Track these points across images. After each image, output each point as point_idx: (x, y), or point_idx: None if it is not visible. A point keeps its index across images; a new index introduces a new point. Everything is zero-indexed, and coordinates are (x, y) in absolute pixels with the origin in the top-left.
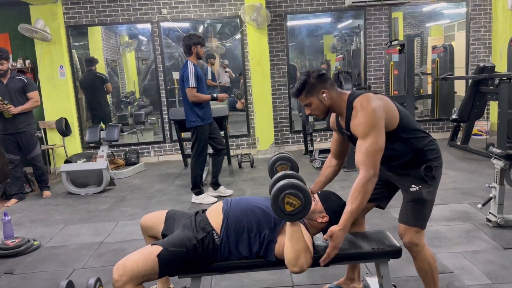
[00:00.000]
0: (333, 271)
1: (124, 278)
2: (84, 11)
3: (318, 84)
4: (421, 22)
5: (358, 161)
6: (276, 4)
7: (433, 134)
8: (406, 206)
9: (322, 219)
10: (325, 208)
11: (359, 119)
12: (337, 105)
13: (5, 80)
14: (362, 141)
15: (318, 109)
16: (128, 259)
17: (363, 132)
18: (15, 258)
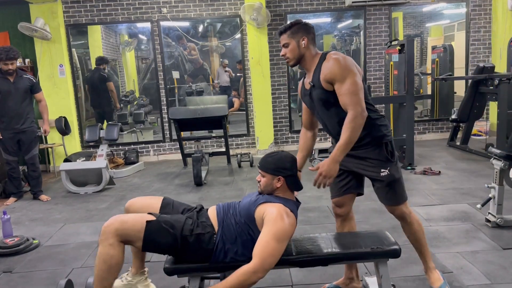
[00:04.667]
0: (332, 271)
1: (112, 228)
2: (84, 9)
3: (302, 31)
4: (421, 22)
5: (344, 104)
6: (276, 3)
7: (432, 135)
8: (385, 190)
9: (278, 182)
10: (273, 171)
11: (335, 64)
12: (309, 58)
13: (13, 78)
14: (341, 84)
15: (293, 52)
16: (125, 215)
17: (341, 75)
18: (14, 257)
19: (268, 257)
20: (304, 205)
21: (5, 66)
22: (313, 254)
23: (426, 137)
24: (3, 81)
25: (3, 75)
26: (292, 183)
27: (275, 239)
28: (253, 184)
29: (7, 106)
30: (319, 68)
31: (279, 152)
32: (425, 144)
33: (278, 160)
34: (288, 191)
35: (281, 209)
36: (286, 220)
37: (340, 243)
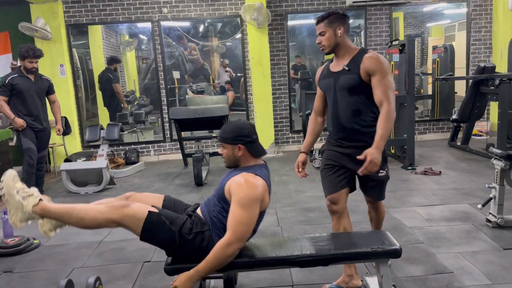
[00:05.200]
0: (333, 270)
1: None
2: (85, 9)
3: (339, 20)
4: (421, 22)
5: (380, 97)
6: (277, 3)
7: (433, 135)
8: (379, 188)
9: (239, 151)
10: (231, 140)
11: (380, 60)
12: (345, 47)
13: (33, 78)
14: (383, 78)
15: (329, 40)
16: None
17: (384, 70)
18: (15, 257)
19: (237, 226)
20: (304, 205)
21: (30, 64)
22: (314, 254)
23: (427, 137)
24: (26, 81)
25: (26, 74)
26: (253, 150)
27: (240, 207)
28: None
29: (30, 105)
30: (360, 58)
31: (236, 121)
32: (425, 144)
33: (235, 128)
34: (251, 158)
35: (242, 177)
36: (249, 184)
37: (340, 243)
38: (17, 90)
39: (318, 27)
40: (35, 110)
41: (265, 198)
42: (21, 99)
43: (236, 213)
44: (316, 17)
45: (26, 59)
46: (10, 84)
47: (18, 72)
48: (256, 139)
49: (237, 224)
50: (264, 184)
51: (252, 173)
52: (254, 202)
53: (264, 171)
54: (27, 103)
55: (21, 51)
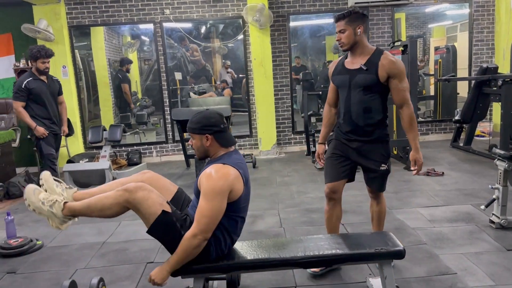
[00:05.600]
0: (336, 271)
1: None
2: (87, 11)
3: (360, 19)
4: (423, 23)
5: (402, 99)
6: (279, 4)
7: (435, 135)
8: (379, 179)
9: (207, 141)
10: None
11: (399, 63)
12: (362, 45)
13: (46, 79)
14: (402, 80)
15: (348, 38)
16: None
17: (403, 73)
18: (18, 258)
19: (201, 218)
20: (307, 206)
21: (43, 64)
22: (317, 255)
23: (429, 138)
24: (40, 83)
25: (38, 76)
26: (221, 139)
27: (204, 199)
28: (255, 185)
29: (47, 108)
30: (378, 59)
31: (204, 111)
32: (428, 145)
33: (202, 118)
34: (221, 148)
35: (211, 168)
36: (215, 176)
37: (344, 244)
38: (34, 94)
39: (338, 24)
40: (52, 113)
41: (236, 186)
42: (38, 103)
43: (201, 205)
44: (337, 15)
45: (39, 59)
46: (26, 88)
47: (31, 75)
48: (224, 129)
49: (201, 216)
50: (234, 172)
51: (221, 163)
52: (217, 194)
53: (234, 157)
54: (44, 106)
55: (32, 52)
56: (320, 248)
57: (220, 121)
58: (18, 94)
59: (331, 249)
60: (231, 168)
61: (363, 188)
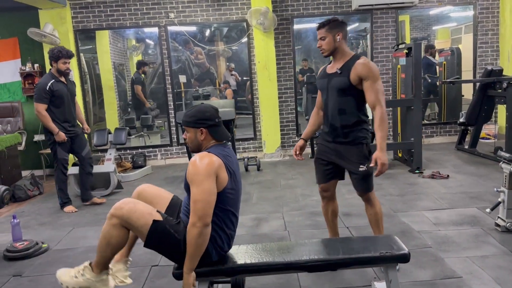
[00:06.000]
0: (341, 275)
1: (120, 212)
2: (92, 15)
3: (339, 27)
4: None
5: (374, 100)
6: (283, 8)
7: (440, 138)
8: (361, 181)
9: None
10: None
11: (371, 66)
12: (342, 51)
13: (65, 80)
14: (374, 83)
15: (328, 44)
16: (137, 204)
17: (375, 75)
18: (24, 261)
19: (195, 204)
20: (311, 209)
21: (64, 65)
22: (322, 259)
23: (434, 141)
24: (61, 85)
25: (59, 77)
26: (216, 133)
27: (194, 185)
28: (260, 187)
29: (66, 111)
30: (353, 63)
31: (198, 104)
32: (433, 148)
33: (196, 112)
34: (214, 142)
35: (193, 158)
36: (198, 162)
37: (349, 247)
38: (57, 96)
39: (319, 32)
40: (71, 115)
41: (220, 174)
42: (59, 105)
43: (192, 192)
44: (318, 23)
45: (60, 59)
46: (50, 90)
47: (52, 77)
48: (218, 123)
49: (194, 203)
50: (217, 160)
51: (205, 152)
52: (205, 176)
53: (220, 148)
54: (64, 108)
55: (53, 53)
56: (325, 252)
57: (214, 115)
58: (41, 96)
59: (336, 252)
60: (214, 156)
61: None
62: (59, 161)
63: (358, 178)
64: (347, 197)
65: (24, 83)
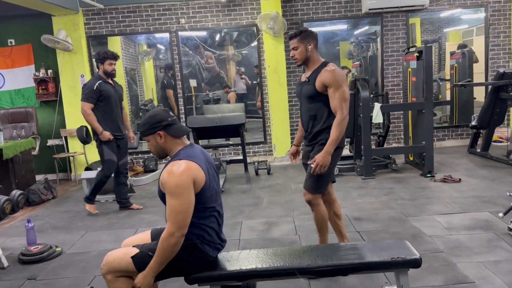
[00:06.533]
0: (352, 280)
1: (105, 268)
2: (105, 21)
3: (310, 37)
4: (438, 27)
5: (335, 106)
6: (293, 12)
7: (452, 141)
8: (307, 177)
9: (161, 138)
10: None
11: (335, 73)
12: (313, 60)
13: (113, 82)
14: (336, 90)
15: (301, 54)
16: (112, 253)
17: (338, 83)
18: (38, 264)
19: (175, 216)
20: None
21: (110, 66)
22: (333, 264)
23: (446, 144)
24: (109, 86)
25: (106, 78)
26: (173, 131)
27: (172, 197)
28: (270, 191)
29: (113, 112)
30: (319, 71)
31: (148, 112)
32: (444, 151)
33: (148, 119)
34: (176, 141)
35: (169, 167)
36: (173, 173)
37: (359, 252)
38: (104, 97)
39: (292, 42)
40: (117, 117)
41: (198, 178)
42: (106, 106)
43: (171, 204)
44: (289, 34)
45: (106, 61)
46: (98, 90)
47: (100, 78)
48: (172, 121)
49: (174, 214)
50: (188, 165)
51: (176, 160)
52: (183, 188)
53: (190, 151)
54: (111, 110)
55: (99, 55)
56: (336, 257)
57: (166, 115)
58: (88, 95)
59: (347, 257)
60: (188, 162)
61: (379, 195)
62: (106, 163)
63: (308, 175)
64: (357, 201)
65: (38, 89)
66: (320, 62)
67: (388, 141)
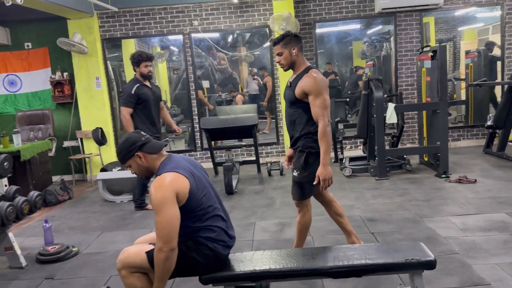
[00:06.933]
0: (365, 281)
1: (120, 263)
2: (119, 24)
3: (293, 41)
4: (453, 26)
5: (316, 114)
6: (305, 13)
7: (467, 141)
8: (294, 186)
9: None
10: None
11: (315, 81)
12: (298, 64)
13: (150, 84)
14: (316, 98)
15: (286, 59)
16: (128, 249)
17: (317, 90)
18: (55, 264)
19: (160, 232)
20: None
21: (146, 68)
22: (347, 265)
23: (461, 144)
24: (146, 89)
25: (143, 81)
26: (150, 148)
27: (156, 214)
28: (283, 192)
29: (152, 115)
30: (301, 77)
31: (120, 140)
32: (459, 152)
33: (122, 145)
34: (155, 157)
35: (151, 185)
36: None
37: (374, 254)
38: (142, 100)
39: (276, 48)
40: (156, 120)
41: (180, 187)
42: (144, 110)
43: (156, 221)
44: (273, 40)
45: (142, 63)
46: (136, 94)
47: (137, 81)
48: (146, 140)
49: (158, 229)
50: (170, 178)
51: (159, 175)
52: (163, 204)
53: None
54: (150, 113)
55: (134, 58)
56: (349, 258)
57: (138, 136)
58: (127, 100)
59: (361, 258)
60: (166, 175)
61: (393, 196)
62: None
63: (293, 182)
64: (371, 202)
65: (54, 91)
66: (304, 67)
67: (402, 142)
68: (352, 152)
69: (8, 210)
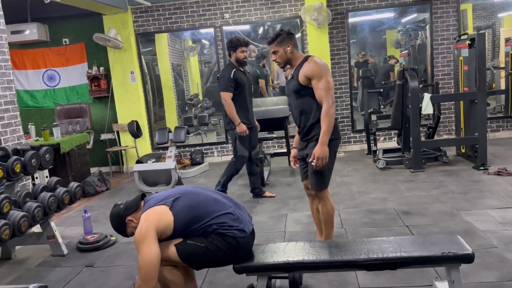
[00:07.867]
0: (400, 274)
1: None
2: (152, 19)
3: (287, 39)
4: (492, 13)
5: (320, 96)
6: (337, 2)
7: (507, 132)
8: (312, 175)
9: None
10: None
11: (315, 65)
12: (295, 59)
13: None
14: (319, 81)
15: (281, 57)
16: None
17: (320, 73)
18: (95, 252)
19: (138, 270)
20: (369, 207)
21: (242, 53)
22: (381, 258)
23: (500, 135)
24: (242, 75)
25: (238, 66)
26: (133, 207)
27: (139, 244)
28: None
29: (247, 101)
30: (301, 66)
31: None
32: (499, 143)
33: (113, 221)
34: (137, 208)
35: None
36: (143, 223)
37: (409, 246)
38: (239, 85)
39: (270, 47)
40: (251, 106)
41: (160, 220)
42: (240, 95)
43: (139, 252)
44: (267, 40)
45: (238, 48)
46: (234, 78)
47: (233, 66)
48: (124, 207)
49: (138, 268)
50: (145, 219)
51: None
52: (140, 242)
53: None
54: (245, 99)
55: (231, 42)
56: (384, 251)
57: (120, 208)
58: (227, 85)
59: (396, 251)
60: (144, 215)
61: (429, 189)
62: (238, 158)
63: (310, 172)
64: (406, 195)
65: (91, 86)
66: (302, 58)
67: (439, 133)
68: (385, 144)
69: (50, 200)
